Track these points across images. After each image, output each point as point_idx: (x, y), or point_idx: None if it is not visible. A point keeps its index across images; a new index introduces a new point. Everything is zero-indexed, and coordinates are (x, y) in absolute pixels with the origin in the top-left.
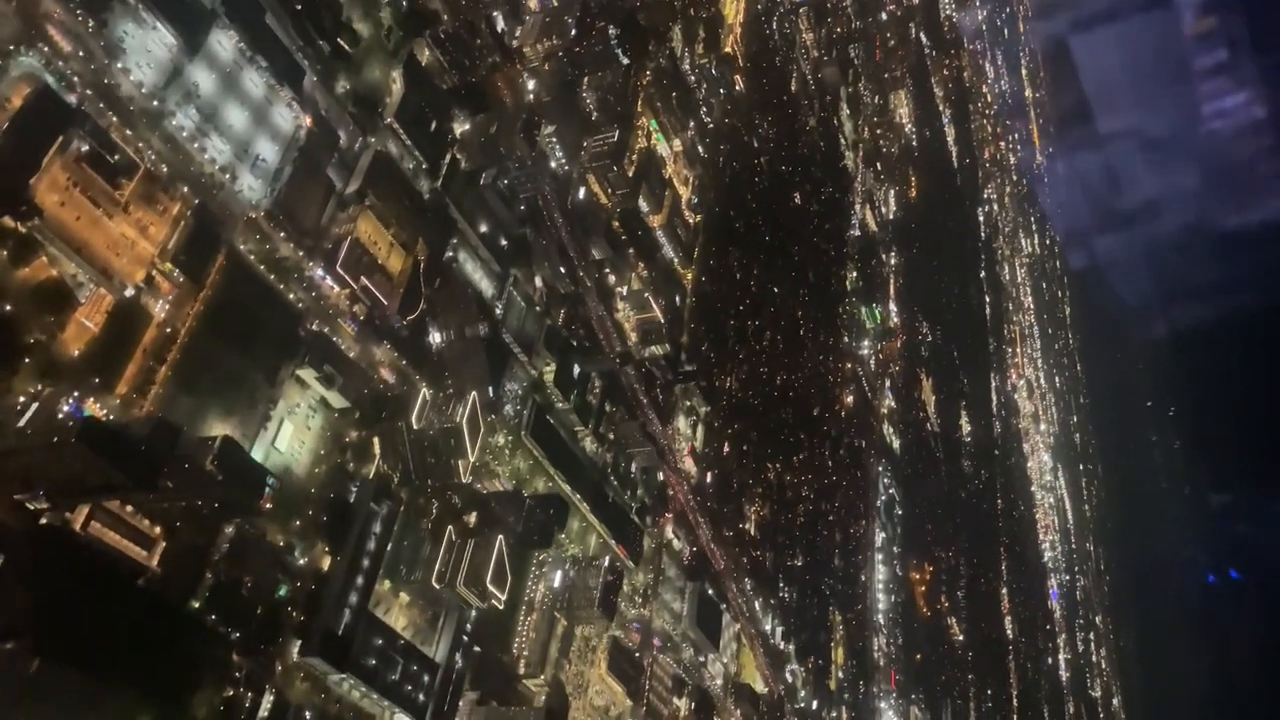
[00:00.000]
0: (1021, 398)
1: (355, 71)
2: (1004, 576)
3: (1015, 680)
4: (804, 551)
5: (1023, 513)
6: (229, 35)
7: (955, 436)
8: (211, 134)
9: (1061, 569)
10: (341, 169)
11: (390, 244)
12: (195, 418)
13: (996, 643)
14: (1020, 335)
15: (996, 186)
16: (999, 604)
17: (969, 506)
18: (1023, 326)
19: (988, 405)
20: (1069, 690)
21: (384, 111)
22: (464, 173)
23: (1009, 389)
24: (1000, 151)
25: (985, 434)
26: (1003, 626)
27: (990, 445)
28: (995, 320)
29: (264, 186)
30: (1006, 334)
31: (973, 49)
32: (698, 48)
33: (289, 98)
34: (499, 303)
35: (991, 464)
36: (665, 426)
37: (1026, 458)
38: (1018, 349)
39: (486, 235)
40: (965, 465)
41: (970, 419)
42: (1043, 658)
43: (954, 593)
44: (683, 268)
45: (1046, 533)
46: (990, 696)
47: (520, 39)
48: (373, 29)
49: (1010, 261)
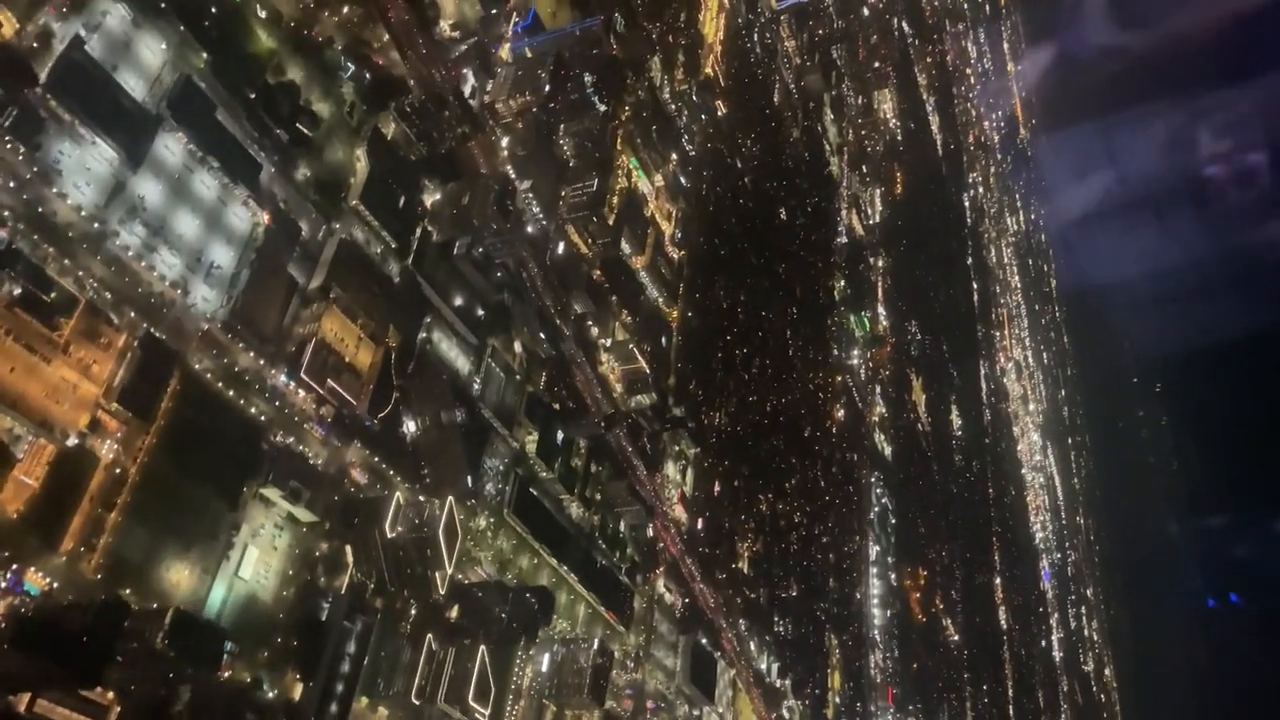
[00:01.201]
0: (1011, 381)
1: (316, 156)
2: (997, 567)
3: (1010, 670)
4: (798, 579)
5: (1014, 497)
6: (177, 139)
7: (946, 432)
8: (160, 248)
9: (1053, 548)
10: (304, 262)
11: (358, 338)
12: (150, 562)
13: (991, 635)
14: (1008, 317)
15: (981, 168)
16: (993, 595)
17: (961, 501)
18: (1010, 308)
19: (978, 395)
20: (1062, 669)
21: (348, 194)
22: (436, 245)
23: (998, 374)
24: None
25: (976, 424)
26: (997, 618)
27: (981, 434)
28: (983, 307)
29: (219, 295)
30: (995, 318)
31: (955, 30)
32: (678, 73)
33: (244, 196)
34: (476, 378)
35: (983, 453)
36: (654, 476)
37: (1016, 441)
38: (1006, 331)
39: (462, 308)
40: (957, 460)
41: (961, 412)
42: (1036, 642)
43: (949, 592)
44: (668, 307)
45: (1037, 514)
46: (986, 692)
47: (492, 94)
48: (334, 107)
49: (996, 244)
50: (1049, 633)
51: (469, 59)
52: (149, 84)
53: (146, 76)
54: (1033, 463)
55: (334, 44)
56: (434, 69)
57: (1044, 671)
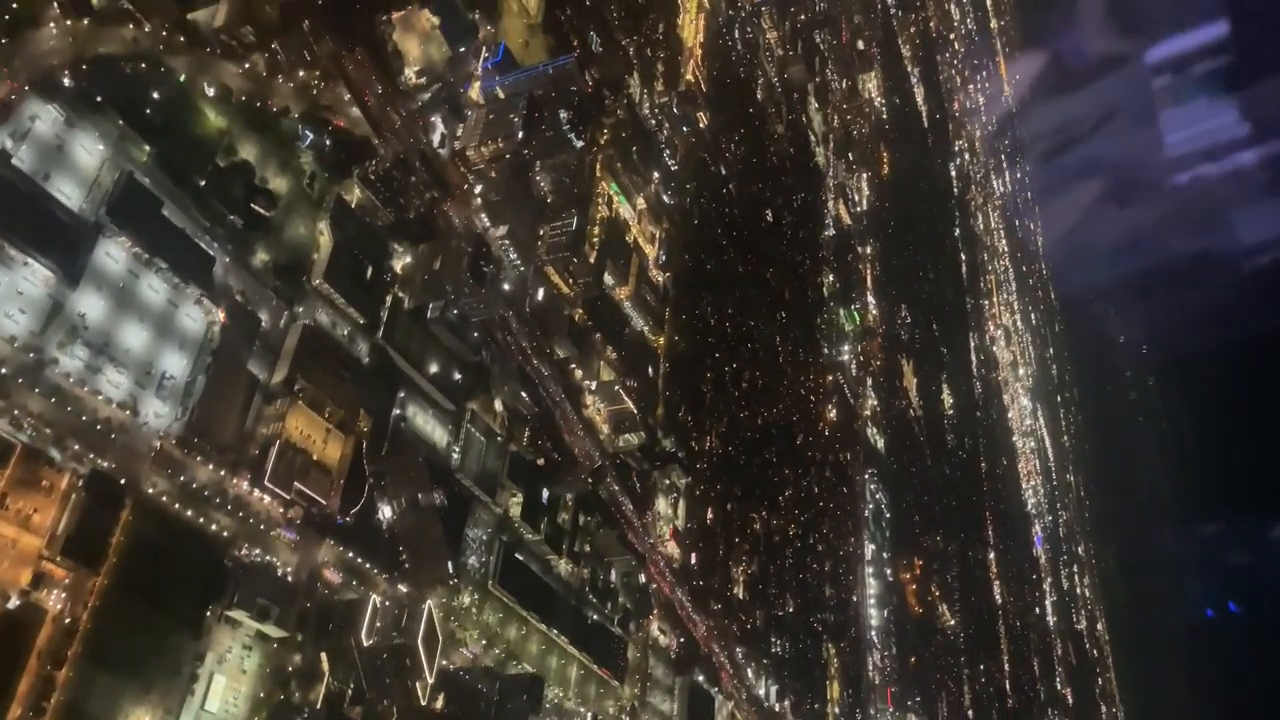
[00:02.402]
0: (1000, 348)
1: (275, 237)
2: (991, 542)
3: (1006, 644)
4: (795, 594)
5: (1006, 468)
6: (120, 244)
7: (938, 414)
8: (105, 368)
9: (1044, 511)
10: (265, 356)
11: (327, 430)
12: (107, 713)
13: (987, 612)
14: (996, 283)
15: (967, 134)
16: (987, 571)
17: (955, 482)
18: (998, 273)
19: (968, 369)
20: (1055, 633)
21: (311, 273)
22: (408, 313)
23: (988, 343)
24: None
25: (967, 399)
26: (991, 594)
27: (972, 407)
28: (971, 278)
29: (173, 409)
30: (983, 286)
31: None
32: (657, 85)
33: (197, 295)
34: (455, 448)
35: (974, 428)
36: (644, 515)
37: (1007, 409)
38: (995, 299)
39: (438, 375)
40: (949, 440)
41: (952, 390)
42: (1030, 611)
43: (944, 577)
44: (654, 334)
45: (1029, 479)
46: (983, 671)
47: (462, 140)
48: (292, 181)
49: (983, 209)
50: (1042, 599)
51: (437, 104)
52: (86, 189)
53: (83, 181)
54: (1023, 428)
55: (290, 113)
56: (400, 127)
57: (1039, 639)
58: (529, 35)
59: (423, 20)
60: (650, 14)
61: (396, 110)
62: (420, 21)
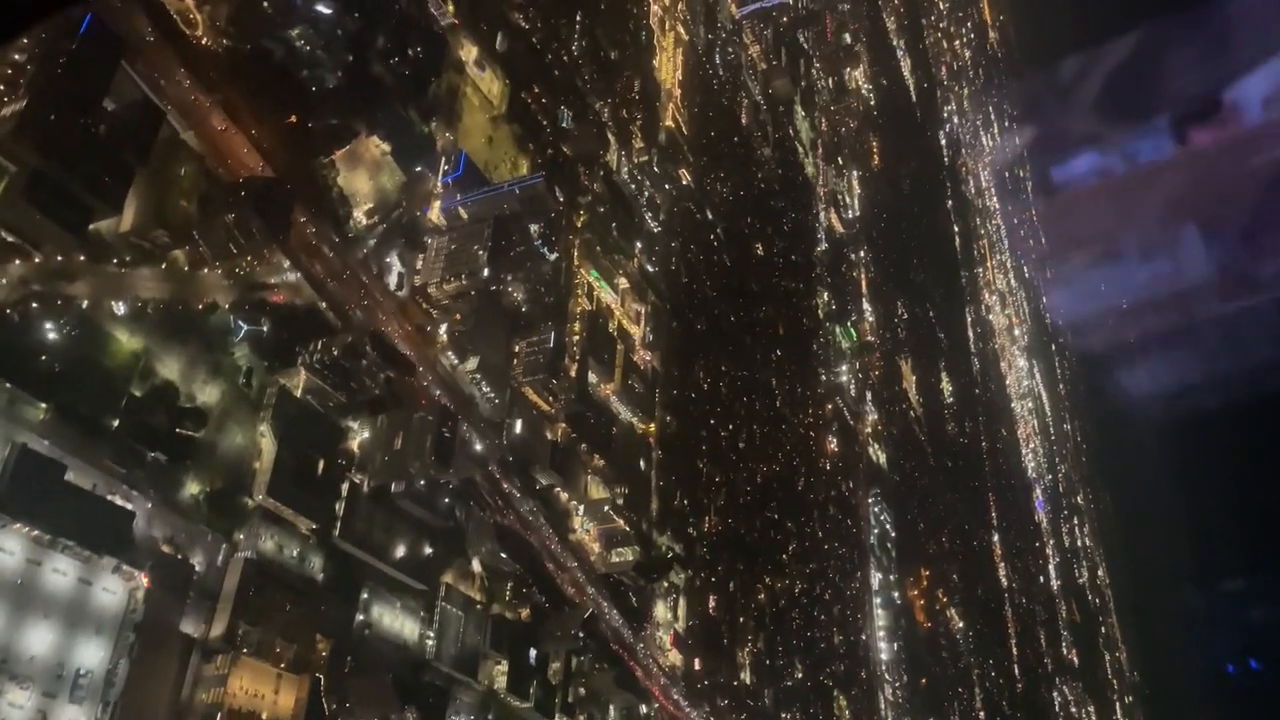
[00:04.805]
0: (996, 314)
1: (208, 458)
2: (995, 523)
3: (1013, 626)
4: (802, 657)
5: (1005, 438)
6: (14, 533)
7: (938, 406)
8: (5, 687)
9: (1044, 471)
10: (202, 606)
11: (278, 678)
12: None
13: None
14: (989, 245)
15: (955, 95)
16: (992, 556)
17: (957, 472)
18: (990, 234)
19: (966, 348)
20: (1059, 595)
21: (253, 488)
22: (368, 496)
23: (984, 313)
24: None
25: (966, 378)
26: (997, 578)
27: (971, 386)
28: (965, 250)
29: (92, 708)
30: (977, 253)
31: None
32: (635, 143)
33: (113, 564)
34: (430, 635)
35: (974, 407)
36: (642, 630)
37: (1005, 376)
38: (989, 263)
39: (405, 558)
40: (950, 429)
41: (951, 376)
42: (1035, 581)
43: (950, 578)
44: (643, 423)
45: (1028, 441)
46: (991, 665)
47: (423, 275)
48: (225, 385)
49: (974, 173)
50: (1046, 564)
51: (392, 239)
52: None
53: None
54: (1021, 390)
55: (218, 306)
56: (350, 290)
57: (1044, 609)
58: (493, 129)
59: (371, 149)
60: (624, 71)
61: (346, 265)
62: (368, 151)
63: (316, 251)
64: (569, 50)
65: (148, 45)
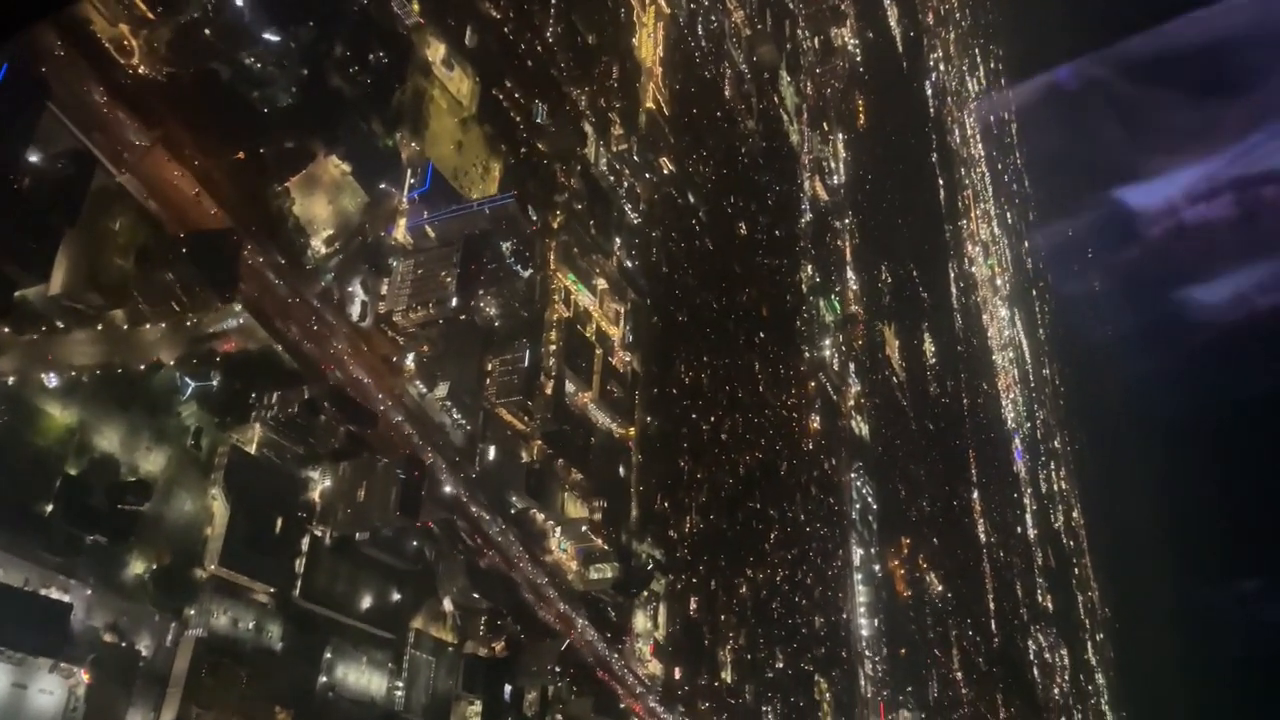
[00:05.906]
0: (979, 266)
1: (153, 533)
2: (974, 479)
3: (991, 582)
4: (783, 646)
5: (986, 392)
6: None
7: (920, 368)
8: None
9: (1023, 420)
10: (150, 693)
11: None
12: None
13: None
14: (973, 195)
15: (941, 41)
16: (972, 514)
17: (939, 433)
18: (974, 184)
19: (949, 305)
20: (1036, 544)
21: (204, 559)
22: (330, 548)
23: (967, 266)
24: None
25: (948, 336)
26: (976, 536)
27: (954, 343)
28: (950, 202)
29: None
30: (961, 204)
31: None
32: (614, 130)
33: (50, 664)
34: (398, 688)
35: (956, 365)
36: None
37: (986, 329)
38: (972, 213)
39: (372, 609)
40: (933, 389)
41: (933, 335)
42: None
43: (930, 543)
44: (622, 428)
45: (1009, 391)
46: (969, 624)
47: (388, 302)
48: (171, 449)
49: (960, 121)
50: (1023, 514)
51: (355, 265)
52: None
53: None
54: (1002, 341)
55: (162, 364)
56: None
57: (1021, 559)
58: (462, 133)
59: (330, 170)
60: (603, 55)
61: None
62: (326, 173)
63: (269, 292)
64: (543, 39)
65: (76, 82)
